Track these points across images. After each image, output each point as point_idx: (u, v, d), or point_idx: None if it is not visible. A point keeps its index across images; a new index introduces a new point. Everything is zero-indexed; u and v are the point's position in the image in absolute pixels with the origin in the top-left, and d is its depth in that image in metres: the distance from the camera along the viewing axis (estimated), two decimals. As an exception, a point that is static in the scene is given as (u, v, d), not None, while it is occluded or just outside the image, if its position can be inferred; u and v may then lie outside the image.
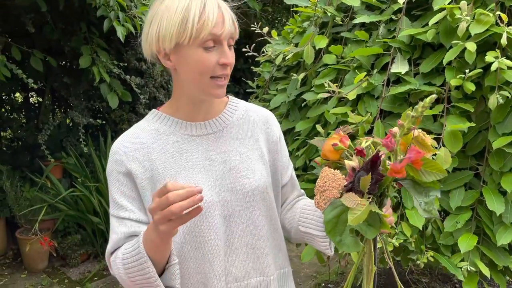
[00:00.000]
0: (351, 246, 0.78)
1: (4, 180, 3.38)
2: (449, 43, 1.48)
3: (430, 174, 0.72)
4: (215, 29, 0.88)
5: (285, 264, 1.11)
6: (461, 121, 1.43)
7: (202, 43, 0.89)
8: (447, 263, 1.47)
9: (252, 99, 2.33)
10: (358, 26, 1.84)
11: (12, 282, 3.26)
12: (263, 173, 1.04)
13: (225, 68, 0.92)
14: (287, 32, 2.20)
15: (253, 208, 1.02)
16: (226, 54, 0.91)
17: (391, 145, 0.72)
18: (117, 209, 0.97)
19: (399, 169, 0.69)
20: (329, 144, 0.82)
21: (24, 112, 4.42)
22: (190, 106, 1.00)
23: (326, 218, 0.76)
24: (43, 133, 3.18)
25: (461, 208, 1.48)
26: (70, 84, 3.33)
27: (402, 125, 0.71)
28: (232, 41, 0.93)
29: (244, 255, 1.02)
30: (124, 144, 0.99)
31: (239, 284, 1.01)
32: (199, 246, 0.97)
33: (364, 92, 1.62)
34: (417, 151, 0.70)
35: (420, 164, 0.71)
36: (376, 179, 0.72)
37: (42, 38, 3.20)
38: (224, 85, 0.95)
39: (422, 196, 0.74)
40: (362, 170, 0.74)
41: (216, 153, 1.01)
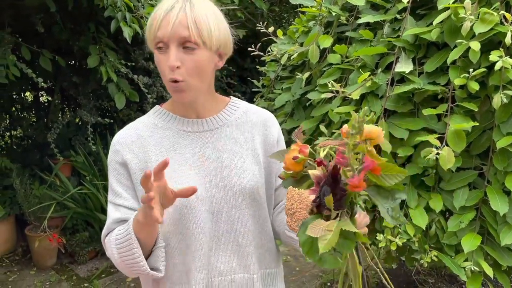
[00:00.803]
0: (331, 262, 0.78)
1: (14, 177, 3.43)
2: (453, 42, 1.47)
3: (391, 177, 0.73)
4: (158, 32, 0.92)
5: (272, 265, 1.13)
6: (465, 120, 1.43)
7: (155, 46, 0.95)
8: (450, 263, 1.47)
9: (258, 98, 2.34)
10: (363, 26, 1.84)
11: (21, 278, 3.31)
12: (255, 174, 1.06)
13: (172, 70, 0.93)
14: (292, 32, 2.20)
15: (241, 207, 1.05)
16: (169, 56, 0.92)
17: (343, 161, 0.72)
18: (114, 196, 1.03)
19: (357, 183, 0.69)
20: (289, 158, 0.82)
21: (34, 111, 4.48)
22: (181, 104, 1.05)
23: (301, 240, 0.77)
24: (52, 132, 3.22)
25: (465, 207, 1.48)
26: (79, 83, 3.37)
27: (346, 142, 0.72)
28: (189, 44, 0.92)
29: (229, 251, 1.05)
30: (122, 135, 1.05)
31: (223, 279, 1.05)
32: (183, 238, 1.02)
33: (368, 91, 1.62)
34: (371, 160, 0.71)
35: (379, 170, 0.72)
36: (340, 195, 0.73)
37: (51, 38, 3.24)
38: (179, 89, 0.95)
39: (388, 201, 0.75)
40: (325, 185, 0.75)
41: (209, 150, 1.04)
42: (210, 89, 1.06)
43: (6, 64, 2.81)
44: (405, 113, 1.58)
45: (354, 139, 0.75)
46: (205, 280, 1.03)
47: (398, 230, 1.52)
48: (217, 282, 1.05)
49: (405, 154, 1.51)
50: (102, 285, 3.20)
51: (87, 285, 3.20)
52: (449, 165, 1.37)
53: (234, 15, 3.51)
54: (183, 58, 0.93)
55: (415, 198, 1.53)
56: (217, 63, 1.01)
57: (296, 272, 3.44)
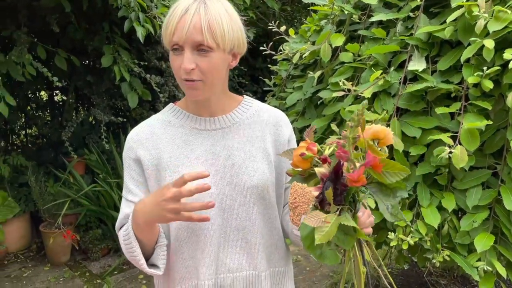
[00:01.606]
0: (332, 258, 0.79)
1: (29, 175, 3.49)
2: (467, 40, 1.46)
3: (392, 175, 0.73)
4: (174, 36, 0.94)
5: (281, 263, 1.14)
6: (478, 119, 1.42)
7: (171, 48, 0.97)
8: (462, 262, 1.46)
9: (269, 97, 2.34)
10: (376, 24, 1.84)
11: (35, 274, 3.36)
12: (265, 172, 1.07)
13: (187, 73, 0.95)
14: (304, 31, 2.20)
15: (250, 205, 1.06)
16: (183, 60, 0.95)
17: (344, 156, 0.73)
18: (126, 192, 1.07)
19: (356, 178, 0.69)
20: (297, 154, 0.83)
21: (49, 110, 4.55)
22: (194, 102, 1.07)
23: (303, 234, 0.77)
24: (66, 130, 3.27)
25: (478, 207, 1.46)
26: (93, 82, 3.42)
27: (346, 135, 0.72)
28: (203, 47, 0.94)
29: (238, 248, 1.07)
30: (137, 132, 1.08)
31: (232, 276, 1.06)
32: (193, 233, 1.04)
33: (380, 90, 1.61)
34: (373, 155, 0.71)
35: (380, 166, 0.72)
36: (341, 190, 0.73)
37: (66, 38, 3.29)
38: (194, 88, 0.98)
39: (389, 199, 0.75)
40: (328, 180, 0.76)
41: (220, 148, 1.06)
42: (223, 88, 1.07)
43: (22, 63, 2.86)
44: (418, 111, 1.57)
45: (354, 132, 0.76)
46: (213, 275, 1.05)
47: (410, 229, 1.52)
48: (226, 278, 1.06)
49: (417, 153, 1.51)
50: (114, 281, 3.23)
51: (100, 281, 3.24)
52: (462, 164, 1.37)
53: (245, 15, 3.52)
54: (198, 60, 0.95)
55: (428, 197, 1.52)
56: (230, 63, 1.03)
57: (306, 272, 3.44)
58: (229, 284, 1.06)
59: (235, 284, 1.07)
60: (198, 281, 1.04)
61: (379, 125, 0.85)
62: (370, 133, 0.83)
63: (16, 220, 3.59)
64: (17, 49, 2.78)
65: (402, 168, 0.73)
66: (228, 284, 1.06)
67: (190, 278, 1.05)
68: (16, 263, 3.53)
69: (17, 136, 4.63)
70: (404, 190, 0.79)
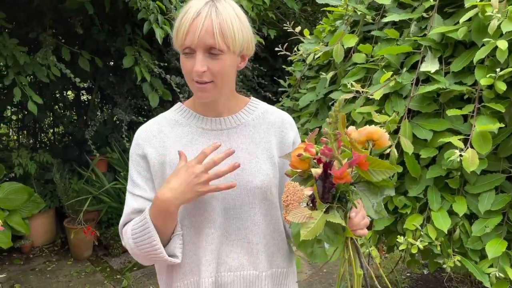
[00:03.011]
0: (321, 256, 0.79)
1: (54, 172, 3.61)
2: (480, 41, 1.43)
3: (379, 173, 0.72)
4: (185, 40, 0.95)
5: (283, 264, 1.14)
6: (491, 121, 1.38)
7: (182, 50, 0.98)
8: (473, 268, 1.43)
9: (284, 98, 2.35)
10: (390, 25, 1.81)
11: (59, 268, 3.47)
12: (268, 174, 1.08)
13: (199, 75, 0.97)
14: (319, 31, 2.20)
15: (252, 205, 1.07)
16: (195, 63, 0.96)
17: (328, 153, 0.72)
18: (133, 186, 1.08)
19: (340, 175, 0.69)
20: (294, 155, 0.83)
21: (75, 109, 4.70)
22: (202, 103, 1.08)
23: (294, 231, 0.78)
24: (89, 129, 3.37)
25: (490, 212, 1.43)
26: (115, 83, 3.51)
27: (326, 132, 0.72)
28: (214, 50, 0.95)
29: (240, 248, 1.07)
30: (145, 129, 1.10)
31: (232, 274, 1.07)
32: (196, 231, 1.05)
33: (391, 91, 1.59)
34: (358, 154, 0.70)
35: (366, 164, 0.71)
36: (328, 188, 0.73)
37: (90, 40, 3.38)
38: (205, 89, 0.99)
39: (376, 197, 0.74)
40: (319, 179, 0.76)
41: (225, 148, 1.07)
42: (231, 89, 1.09)
43: (47, 64, 2.97)
44: (430, 113, 1.54)
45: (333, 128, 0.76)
46: (214, 273, 1.06)
47: (420, 233, 1.49)
48: (226, 277, 1.07)
49: (428, 156, 1.48)
50: (133, 277, 3.31)
51: (120, 277, 3.32)
52: (473, 168, 1.33)
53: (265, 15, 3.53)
54: (209, 63, 0.96)
55: (438, 200, 1.49)
56: (239, 64, 1.05)
57: (323, 274, 3.42)
58: (230, 282, 1.07)
59: (235, 283, 1.08)
60: (199, 278, 1.05)
61: (373, 126, 0.85)
62: (364, 134, 0.83)
63: (42, 215, 3.72)
64: (43, 50, 2.88)
65: (389, 166, 0.73)
66: (229, 283, 1.07)
67: (192, 274, 1.07)
68: (41, 257, 3.66)
69: (45, 134, 4.79)
70: (391, 188, 0.79)
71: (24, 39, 3.03)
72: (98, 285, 3.23)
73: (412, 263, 1.73)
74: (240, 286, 1.08)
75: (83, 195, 3.53)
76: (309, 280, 3.35)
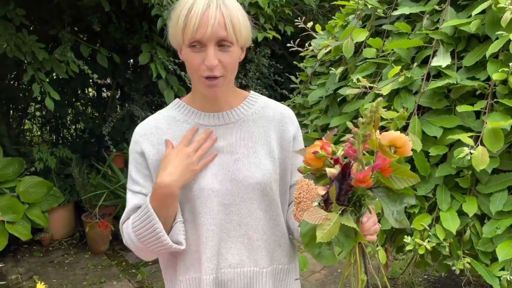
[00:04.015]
0: (329, 258, 0.77)
1: (73, 167, 3.69)
2: (494, 34, 1.37)
3: (401, 180, 0.69)
4: (197, 34, 0.92)
5: (284, 261, 1.12)
6: (504, 118, 1.32)
7: (189, 44, 0.95)
8: (483, 271, 1.37)
9: (296, 94, 2.32)
10: (403, 18, 1.76)
11: (76, 261, 3.55)
12: (268, 169, 1.06)
13: (210, 70, 0.95)
14: (331, 26, 2.16)
15: (252, 201, 1.05)
16: (207, 56, 0.94)
17: (353, 154, 0.69)
18: (132, 184, 1.08)
19: (362, 178, 0.66)
20: (309, 152, 0.80)
21: (96, 106, 4.79)
22: (202, 97, 1.07)
23: (302, 231, 0.75)
24: (106, 125, 3.42)
25: (502, 213, 1.37)
26: (132, 79, 3.55)
27: (356, 132, 0.68)
28: (225, 42, 0.94)
29: (240, 244, 1.06)
30: (143, 127, 1.09)
31: (233, 271, 1.06)
32: (196, 227, 1.04)
33: (401, 86, 1.55)
34: (383, 158, 0.67)
35: (389, 171, 0.68)
36: (346, 190, 0.70)
37: (108, 37, 3.43)
38: (215, 85, 0.97)
39: (396, 204, 0.71)
40: (335, 180, 0.73)
41: (224, 143, 1.05)
42: (231, 83, 1.07)
43: (66, 60, 3.03)
44: (440, 110, 1.49)
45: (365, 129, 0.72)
46: (214, 270, 1.05)
47: (428, 233, 1.44)
48: (227, 273, 1.06)
49: (437, 153, 1.43)
50: (148, 272, 3.34)
51: (134, 271, 3.36)
52: (482, 166, 1.28)
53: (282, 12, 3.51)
54: (219, 55, 0.95)
55: (448, 200, 1.44)
56: (240, 57, 1.03)
57: (337, 274, 3.37)
58: (230, 279, 1.06)
59: (236, 280, 1.06)
60: (201, 275, 1.05)
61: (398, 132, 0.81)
62: (387, 139, 0.79)
63: (61, 209, 3.80)
64: (61, 47, 2.94)
65: (412, 174, 0.70)
66: (229, 279, 1.06)
67: (194, 271, 1.06)
68: (60, 249, 3.75)
69: (67, 130, 4.91)
70: (412, 197, 0.76)
71: (44, 36, 3.10)
72: (113, 278, 3.28)
73: (421, 264, 1.68)
74: (240, 282, 1.07)
75: (101, 190, 3.60)
76: (323, 279, 3.31)
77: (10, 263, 3.46)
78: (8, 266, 3.42)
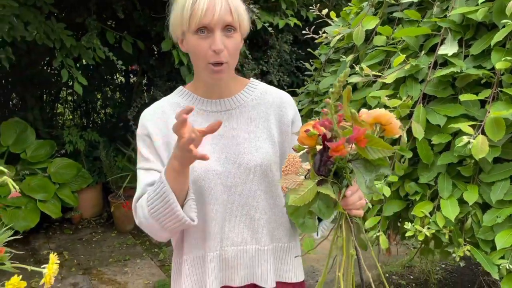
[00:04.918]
0: (312, 228, 0.81)
1: (100, 150, 3.86)
2: (501, 23, 1.35)
3: (376, 151, 0.72)
4: (204, 18, 0.97)
5: (284, 239, 1.17)
6: (507, 107, 1.31)
7: (196, 30, 0.99)
8: (482, 259, 1.38)
9: (310, 81, 2.34)
10: (415, 5, 1.75)
11: (103, 239, 3.73)
12: (268, 152, 1.11)
13: (217, 55, 0.99)
14: (346, 13, 2.16)
15: (253, 182, 1.10)
16: (215, 41, 0.98)
17: (328, 125, 0.73)
18: (144, 162, 1.09)
19: (335, 147, 0.69)
20: (302, 131, 0.84)
21: (125, 91, 4.94)
22: (205, 85, 1.12)
23: (287, 201, 0.80)
24: (131, 110, 3.55)
25: (503, 202, 1.37)
26: (155, 65, 3.64)
27: (328, 102, 0.72)
28: (231, 27, 0.98)
29: (242, 223, 1.12)
30: (149, 111, 1.14)
31: (235, 249, 1.12)
32: (201, 207, 1.09)
33: (407, 75, 1.55)
34: (357, 129, 0.70)
35: (364, 141, 0.71)
36: (324, 161, 0.74)
37: (133, 24, 3.53)
38: (221, 71, 1.01)
39: (370, 174, 0.74)
40: (318, 153, 0.77)
41: (226, 128, 1.11)
42: (232, 71, 1.11)
43: (93, 47, 3.15)
44: (446, 99, 1.49)
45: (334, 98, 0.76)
46: (218, 248, 1.11)
47: (429, 220, 1.46)
48: (230, 251, 1.12)
49: (439, 142, 1.44)
50: (170, 252, 3.48)
51: (157, 250, 3.51)
52: (482, 155, 1.28)
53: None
54: (225, 41, 1.00)
55: (449, 188, 1.44)
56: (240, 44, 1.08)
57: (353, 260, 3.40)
58: (233, 256, 1.12)
59: (239, 257, 1.13)
60: (205, 252, 1.11)
61: (382, 109, 0.83)
62: (372, 117, 0.81)
63: (90, 190, 3.99)
64: (88, 34, 3.06)
65: (387, 146, 0.73)
66: (232, 257, 1.12)
67: (199, 249, 1.13)
68: (88, 228, 3.95)
69: (97, 115, 5.10)
70: (387, 167, 0.79)
71: (72, 24, 3.22)
72: (137, 257, 3.44)
73: (426, 251, 1.70)
74: (243, 259, 1.13)
75: (126, 172, 3.75)
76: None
77: (42, 239, 3.69)
78: (40, 242, 3.65)
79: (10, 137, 3.60)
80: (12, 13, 2.57)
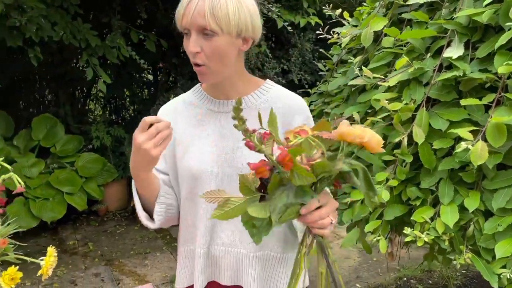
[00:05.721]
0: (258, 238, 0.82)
1: (126, 145, 3.99)
2: (506, 25, 1.31)
3: (300, 177, 0.71)
4: (182, 20, 1.00)
5: (277, 249, 1.16)
6: (511, 113, 1.27)
7: (183, 31, 1.03)
8: (482, 267, 1.35)
9: (322, 82, 2.33)
10: (425, 6, 1.71)
11: (126, 232, 3.87)
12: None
13: (193, 56, 1.01)
14: (359, 13, 2.14)
15: None
16: (189, 42, 1.00)
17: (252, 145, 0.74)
18: None
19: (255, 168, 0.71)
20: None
21: (152, 88, 5.07)
22: (210, 85, 1.14)
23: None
24: (154, 108, 3.64)
25: (505, 210, 1.33)
26: (177, 64, 3.72)
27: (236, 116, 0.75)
28: (207, 31, 0.98)
29: (233, 226, 1.13)
30: (164, 107, 1.20)
31: (224, 249, 1.14)
32: (194, 205, 1.13)
33: (411, 77, 1.53)
34: (283, 153, 0.70)
35: (289, 166, 0.71)
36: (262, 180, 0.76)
37: (157, 24, 3.62)
38: (201, 72, 1.03)
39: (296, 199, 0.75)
40: None
41: (228, 130, 1.11)
42: (238, 72, 1.11)
43: (118, 46, 3.26)
44: (450, 102, 1.45)
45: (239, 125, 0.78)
46: (207, 245, 1.14)
47: (429, 226, 1.44)
48: (218, 250, 1.15)
49: (441, 147, 1.41)
50: (188, 247, 3.57)
51: (176, 244, 3.60)
52: (481, 161, 1.25)
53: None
54: (202, 44, 1.00)
55: (450, 194, 1.41)
56: (241, 47, 1.06)
57: (372, 262, 3.37)
58: (221, 256, 1.15)
59: (227, 257, 1.15)
60: (195, 247, 1.15)
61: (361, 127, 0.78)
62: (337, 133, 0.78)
63: (116, 184, 4.14)
64: (112, 34, 3.16)
65: (309, 174, 0.72)
66: (221, 256, 1.15)
67: (191, 243, 1.17)
68: (113, 220, 4.10)
69: (126, 111, 5.26)
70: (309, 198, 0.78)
71: (97, 24, 3.34)
72: (157, 250, 3.54)
73: (429, 257, 1.67)
74: (230, 261, 1.15)
75: (149, 168, 3.85)
76: (357, 267, 3.33)
77: (69, 230, 3.86)
78: (68, 232, 3.82)
79: (41, 132, 3.79)
80: (40, 14, 2.70)
